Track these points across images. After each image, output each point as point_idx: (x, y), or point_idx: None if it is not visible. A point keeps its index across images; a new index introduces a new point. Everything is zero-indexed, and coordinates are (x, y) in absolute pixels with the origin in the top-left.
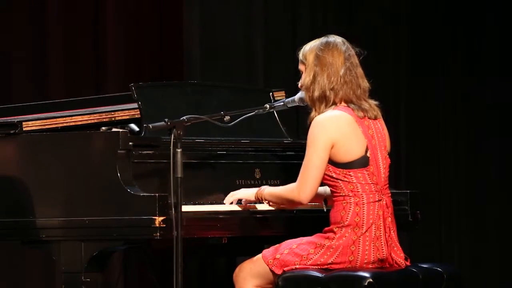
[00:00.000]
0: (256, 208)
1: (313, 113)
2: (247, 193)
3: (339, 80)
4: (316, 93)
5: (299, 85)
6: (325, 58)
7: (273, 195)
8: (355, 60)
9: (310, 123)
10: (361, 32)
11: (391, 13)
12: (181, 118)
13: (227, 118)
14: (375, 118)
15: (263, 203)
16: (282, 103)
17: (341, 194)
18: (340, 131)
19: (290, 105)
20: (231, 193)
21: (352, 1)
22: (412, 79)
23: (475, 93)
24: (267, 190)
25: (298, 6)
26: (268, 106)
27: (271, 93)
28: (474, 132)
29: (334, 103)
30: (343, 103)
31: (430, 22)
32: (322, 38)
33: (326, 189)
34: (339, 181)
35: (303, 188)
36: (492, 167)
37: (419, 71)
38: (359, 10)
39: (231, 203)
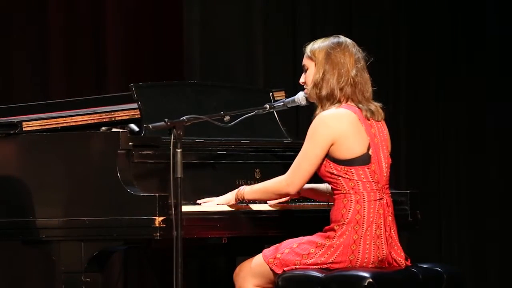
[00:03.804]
0: (255, 208)
1: (318, 110)
2: (222, 199)
3: (349, 80)
4: (324, 91)
5: (301, 81)
6: (337, 57)
7: (257, 191)
8: (363, 63)
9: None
10: (361, 32)
11: (391, 13)
12: (181, 118)
13: (227, 118)
14: (379, 120)
15: (245, 203)
16: (282, 103)
17: (341, 191)
18: (342, 129)
19: (290, 105)
20: (209, 199)
21: (352, 1)
22: (412, 79)
23: (475, 93)
24: (248, 188)
25: (298, 6)
26: (268, 106)
27: (271, 93)
28: (474, 132)
29: (339, 101)
30: (349, 102)
31: (430, 22)
32: (332, 37)
33: (328, 187)
34: (339, 178)
35: (293, 180)
36: (492, 167)
37: (419, 71)
38: (359, 10)
39: None
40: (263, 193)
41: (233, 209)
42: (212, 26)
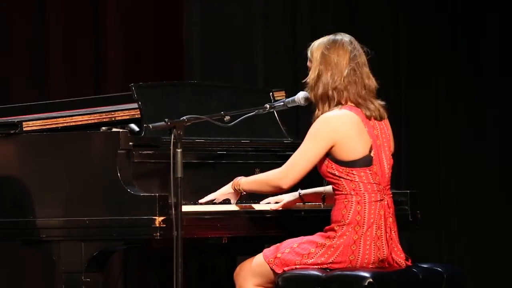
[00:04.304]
0: (256, 208)
1: (317, 112)
2: (219, 192)
3: (342, 80)
4: (320, 92)
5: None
6: (330, 57)
7: (252, 182)
8: (362, 59)
9: (314, 121)
10: (361, 32)
11: (391, 13)
12: (181, 118)
13: (227, 118)
14: (381, 119)
15: (242, 193)
16: (282, 103)
17: (343, 192)
18: (344, 130)
19: (290, 105)
20: (209, 195)
21: (352, 1)
22: (412, 79)
23: (475, 93)
24: (244, 179)
25: (298, 6)
26: (268, 106)
27: (271, 93)
28: (474, 132)
29: (340, 103)
30: (349, 103)
31: (430, 22)
32: (330, 36)
33: (325, 188)
34: (341, 179)
35: (287, 175)
36: (492, 167)
37: (419, 71)
38: (359, 10)
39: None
40: (258, 183)
41: (233, 209)
42: (212, 26)
